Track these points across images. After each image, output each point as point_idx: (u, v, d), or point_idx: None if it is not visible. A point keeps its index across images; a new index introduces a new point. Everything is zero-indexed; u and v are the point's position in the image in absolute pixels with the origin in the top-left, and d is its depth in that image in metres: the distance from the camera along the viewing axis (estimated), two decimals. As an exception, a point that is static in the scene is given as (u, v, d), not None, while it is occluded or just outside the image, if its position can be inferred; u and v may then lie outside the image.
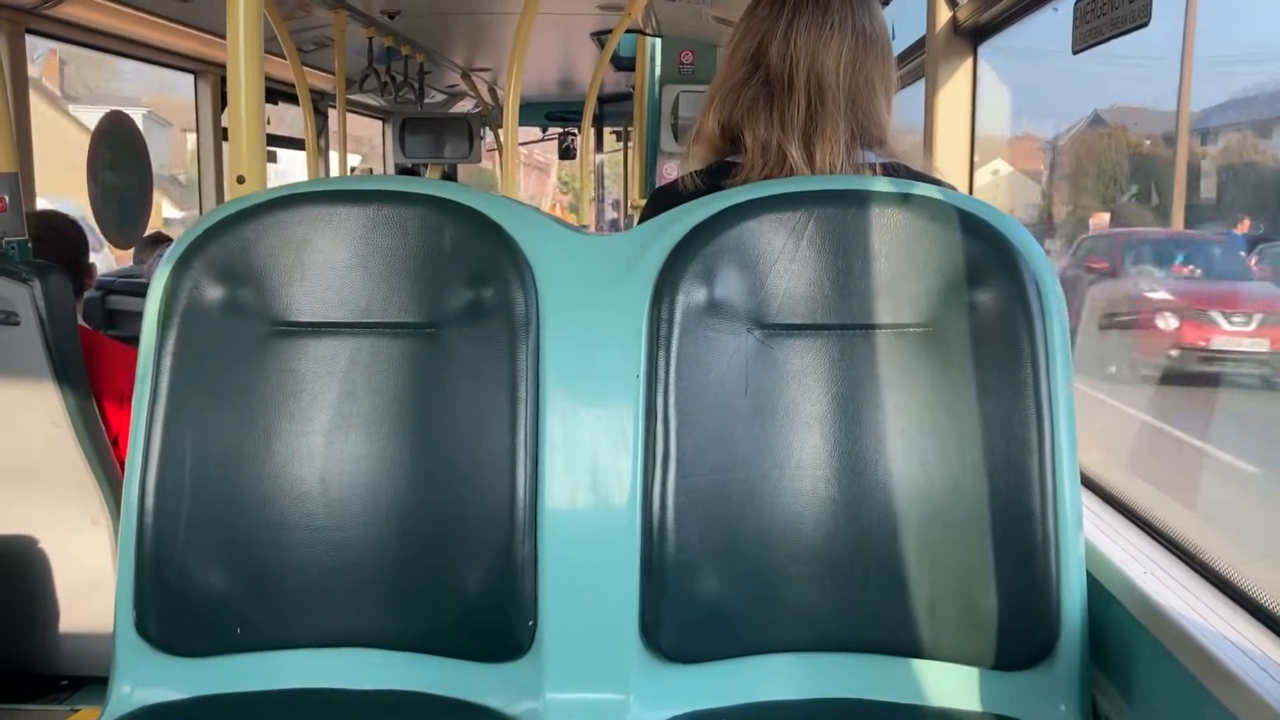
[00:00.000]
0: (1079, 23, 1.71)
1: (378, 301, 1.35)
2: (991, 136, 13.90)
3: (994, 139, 14.40)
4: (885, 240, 1.31)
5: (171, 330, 1.32)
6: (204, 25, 4.36)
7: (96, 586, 2.45)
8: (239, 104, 1.49)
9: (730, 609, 1.29)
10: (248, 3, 1.47)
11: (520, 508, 1.29)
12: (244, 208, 1.35)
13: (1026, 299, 1.26)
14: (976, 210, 1.31)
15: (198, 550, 1.31)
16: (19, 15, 3.51)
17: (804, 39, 1.50)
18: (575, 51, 6.24)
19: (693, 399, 1.29)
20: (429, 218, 1.36)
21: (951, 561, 1.27)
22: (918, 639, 1.29)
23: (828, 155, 1.46)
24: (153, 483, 1.30)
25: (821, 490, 1.30)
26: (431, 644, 1.33)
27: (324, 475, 1.34)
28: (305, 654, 1.35)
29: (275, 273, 1.34)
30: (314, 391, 1.35)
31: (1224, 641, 1.09)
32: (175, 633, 1.32)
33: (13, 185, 2.40)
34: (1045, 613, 1.24)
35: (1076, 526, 1.25)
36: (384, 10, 4.89)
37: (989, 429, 1.27)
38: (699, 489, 1.28)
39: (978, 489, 1.26)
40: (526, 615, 1.28)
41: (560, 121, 8.66)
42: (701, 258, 1.31)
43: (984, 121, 2.48)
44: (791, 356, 1.32)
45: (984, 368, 1.27)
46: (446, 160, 6.91)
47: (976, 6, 2.31)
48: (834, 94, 1.49)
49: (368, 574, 1.33)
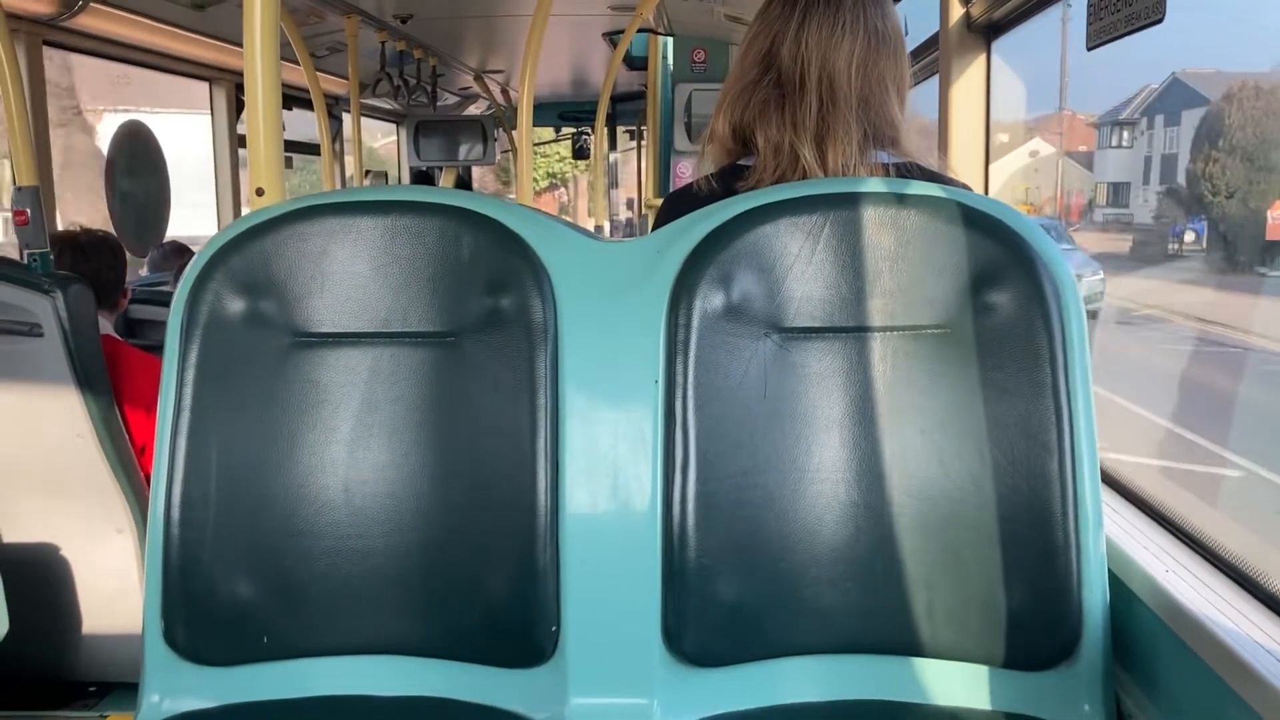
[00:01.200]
0: (1093, 18, 1.70)
1: (397, 311, 1.36)
2: (1019, 119, 13.36)
3: (1022, 121, 13.82)
4: (901, 242, 1.31)
5: (194, 342, 1.34)
6: (219, 33, 4.39)
7: (122, 593, 2.48)
8: (256, 115, 1.50)
9: (752, 612, 1.30)
10: (264, 12, 1.48)
11: (541, 514, 1.30)
12: (263, 220, 1.37)
13: (1044, 299, 1.26)
14: (991, 210, 1.31)
15: (224, 560, 1.33)
16: (36, 27, 3.54)
17: (815, 39, 1.50)
18: (588, 52, 6.25)
19: (712, 403, 1.30)
20: (446, 227, 1.37)
21: (973, 562, 1.27)
22: (940, 640, 1.30)
23: (840, 156, 1.46)
24: (178, 494, 1.32)
25: (842, 493, 1.31)
26: (455, 650, 1.34)
27: (347, 484, 1.35)
28: (331, 661, 1.36)
29: (295, 284, 1.36)
30: (336, 401, 1.36)
31: (1248, 640, 1.09)
32: (203, 642, 1.34)
33: (34, 198, 2.42)
34: (1067, 612, 1.25)
35: (1098, 526, 1.25)
36: (396, 15, 4.91)
37: (1009, 430, 1.27)
38: (719, 493, 1.29)
39: (998, 490, 1.26)
40: (549, 621, 1.29)
41: (574, 121, 8.68)
42: (718, 263, 1.31)
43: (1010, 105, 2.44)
44: (810, 360, 1.33)
45: (1003, 368, 1.27)
46: (461, 163, 6.93)
47: (989, 3, 2.30)
48: (846, 94, 1.48)
49: (391, 582, 1.35)
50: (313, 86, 4.86)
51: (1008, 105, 10.77)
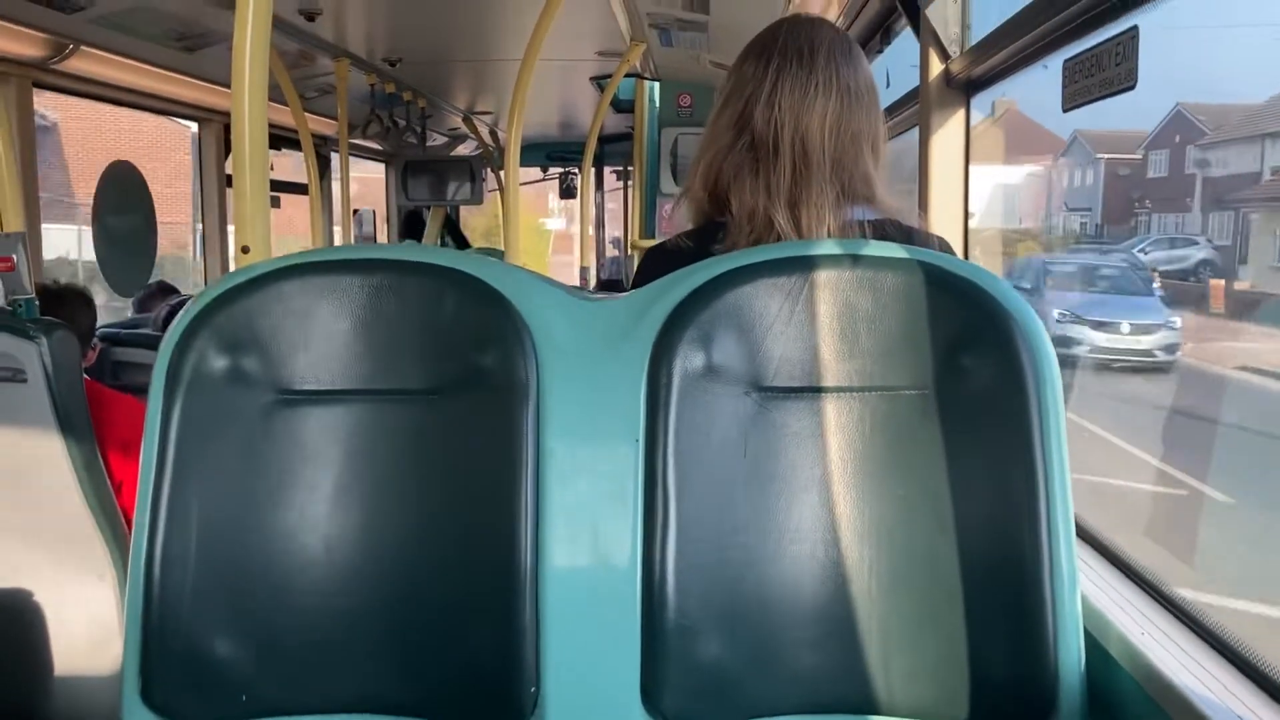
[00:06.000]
0: (1068, 82, 1.74)
1: (380, 369, 1.37)
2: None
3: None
4: (878, 304, 1.33)
5: (177, 398, 1.34)
6: (208, 75, 4.42)
7: (102, 641, 2.46)
8: (244, 169, 1.52)
9: (731, 673, 1.30)
10: (254, 58, 1.49)
11: (522, 572, 1.30)
12: (249, 278, 1.38)
13: (1019, 363, 1.28)
14: (967, 273, 1.33)
15: (204, 618, 1.32)
16: (27, 70, 3.56)
17: (788, 102, 1.51)
18: (575, 95, 6.31)
19: (692, 462, 1.31)
20: (429, 285, 1.38)
21: (950, 624, 1.28)
22: (919, 700, 1.30)
23: (813, 219, 1.48)
24: (159, 550, 1.32)
25: (821, 553, 1.31)
26: (436, 709, 1.34)
27: (328, 541, 1.35)
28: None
29: (279, 342, 1.37)
30: (318, 459, 1.36)
31: (1220, 706, 1.10)
32: (181, 700, 1.33)
33: (20, 244, 2.43)
34: (1044, 673, 1.25)
35: (1073, 587, 1.26)
36: (386, 58, 4.96)
37: (985, 492, 1.28)
38: (700, 553, 1.30)
39: (975, 552, 1.27)
40: (529, 680, 1.29)
41: (561, 162, 8.74)
42: (698, 323, 1.33)
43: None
44: (790, 419, 1.34)
45: (979, 432, 1.29)
46: (449, 202, 6.96)
47: (969, 60, 2.35)
48: (819, 156, 1.50)
49: (372, 640, 1.34)
50: (301, 128, 4.89)
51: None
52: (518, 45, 3.51)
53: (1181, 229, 10.88)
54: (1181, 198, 10.94)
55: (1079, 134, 13.60)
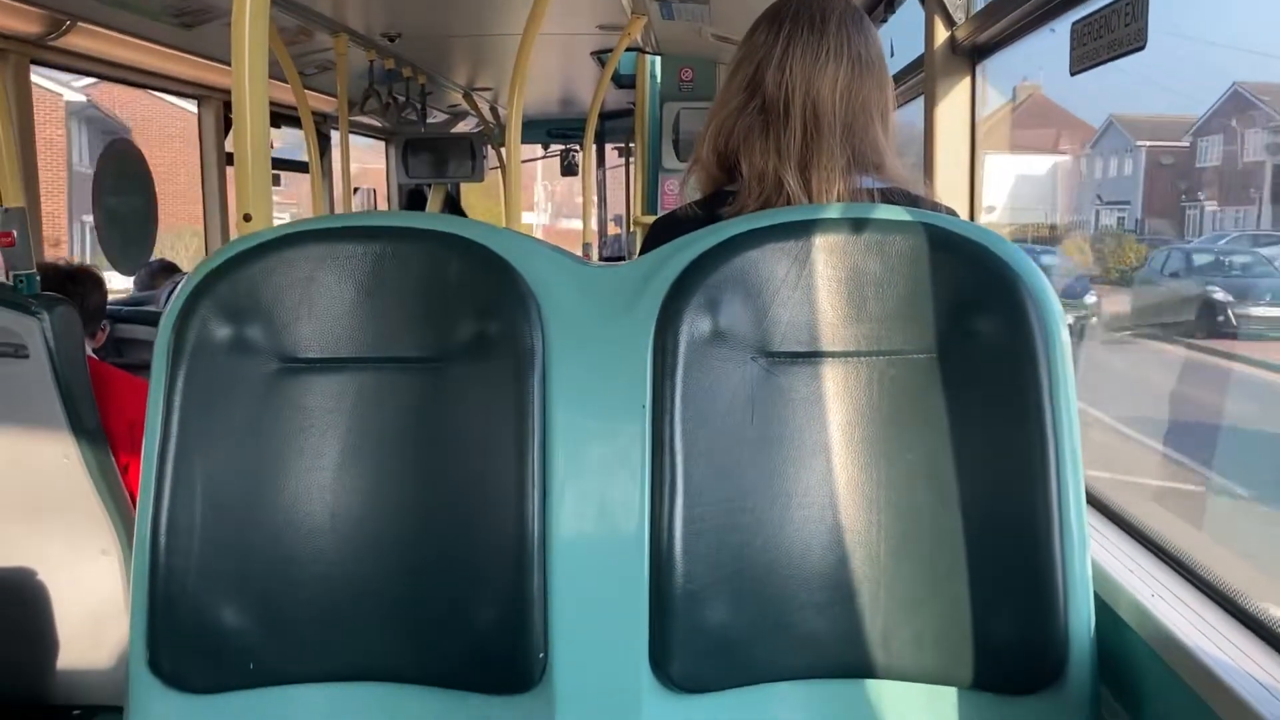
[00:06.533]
0: (1076, 44, 1.72)
1: (384, 337, 1.36)
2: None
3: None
4: (886, 268, 1.32)
5: (181, 368, 1.33)
6: (207, 52, 4.39)
7: (107, 616, 2.47)
8: (245, 140, 1.51)
9: (739, 638, 1.30)
10: (253, 33, 1.48)
11: (529, 540, 1.29)
12: (250, 246, 1.37)
13: (1028, 324, 1.27)
14: (975, 235, 1.32)
15: (210, 587, 1.32)
16: (24, 46, 3.54)
17: (799, 66, 1.51)
18: (576, 70, 6.27)
19: (699, 428, 1.30)
20: (433, 252, 1.37)
21: (959, 587, 1.27)
22: (928, 664, 1.30)
23: (824, 183, 1.47)
24: (164, 521, 1.31)
25: (829, 517, 1.31)
26: (442, 677, 1.34)
27: (334, 510, 1.35)
28: (317, 688, 1.36)
29: (282, 310, 1.36)
30: (323, 427, 1.36)
31: (1232, 667, 1.10)
32: (188, 669, 1.33)
33: (21, 219, 2.42)
34: (1054, 636, 1.25)
35: (1083, 549, 1.26)
36: (385, 33, 4.92)
37: (994, 454, 1.27)
38: (707, 518, 1.29)
39: (984, 514, 1.27)
40: (537, 647, 1.29)
41: (562, 139, 8.69)
42: (705, 288, 1.32)
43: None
44: (797, 384, 1.33)
45: (988, 393, 1.28)
46: (449, 180, 6.93)
47: (975, 26, 2.32)
48: (830, 121, 1.50)
49: (378, 608, 1.34)
50: (301, 105, 4.87)
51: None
52: (518, 19, 3.48)
53: (1241, 225, 10.17)
54: (1243, 188, 10.25)
55: (1115, 119, 13.01)
